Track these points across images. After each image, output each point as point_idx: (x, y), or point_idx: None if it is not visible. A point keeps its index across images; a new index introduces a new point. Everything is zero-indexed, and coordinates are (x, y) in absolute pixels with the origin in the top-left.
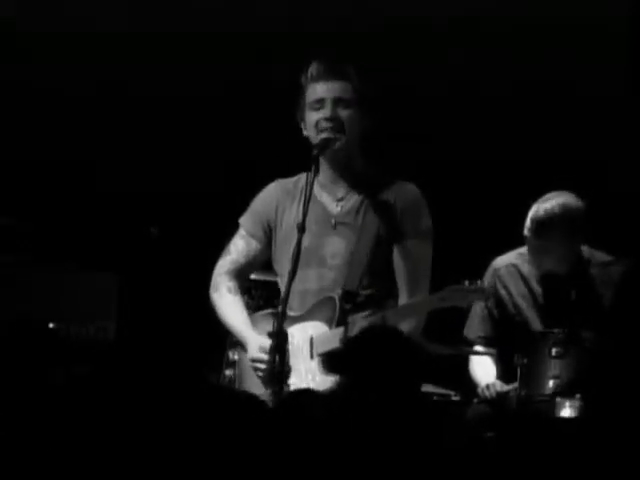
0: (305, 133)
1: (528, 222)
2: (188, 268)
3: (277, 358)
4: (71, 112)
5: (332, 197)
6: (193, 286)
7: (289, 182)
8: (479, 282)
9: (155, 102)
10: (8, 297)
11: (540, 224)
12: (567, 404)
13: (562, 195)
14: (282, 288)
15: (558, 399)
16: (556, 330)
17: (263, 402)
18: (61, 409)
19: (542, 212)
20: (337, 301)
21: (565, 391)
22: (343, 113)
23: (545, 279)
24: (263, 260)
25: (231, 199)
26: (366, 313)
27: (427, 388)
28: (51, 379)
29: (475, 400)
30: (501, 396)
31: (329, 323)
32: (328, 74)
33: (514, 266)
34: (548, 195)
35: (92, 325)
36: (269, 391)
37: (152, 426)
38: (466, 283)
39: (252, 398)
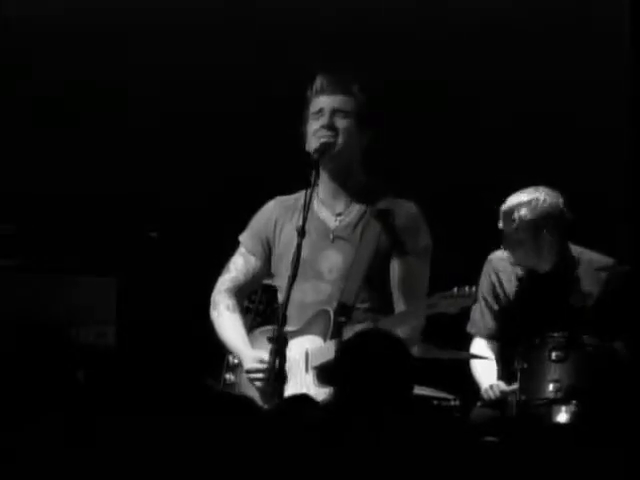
0: (307, 148)
1: (500, 213)
2: (188, 272)
3: (277, 364)
4: (71, 114)
5: (331, 212)
6: (193, 290)
7: (289, 199)
8: (467, 288)
9: (157, 106)
10: (8, 301)
11: (505, 213)
12: (563, 410)
13: (535, 189)
14: (280, 301)
15: (555, 405)
16: (556, 334)
17: (260, 407)
18: (63, 412)
19: (508, 202)
20: (332, 314)
21: (565, 397)
22: (341, 123)
23: (528, 278)
24: (263, 277)
25: (231, 202)
26: (361, 325)
27: (427, 392)
28: (57, 383)
29: (479, 403)
30: (505, 396)
31: (324, 336)
32: (331, 88)
33: (506, 261)
34: (523, 189)
35: (92, 329)
36: (267, 405)
37: (152, 429)
38: (455, 289)
39: (249, 403)
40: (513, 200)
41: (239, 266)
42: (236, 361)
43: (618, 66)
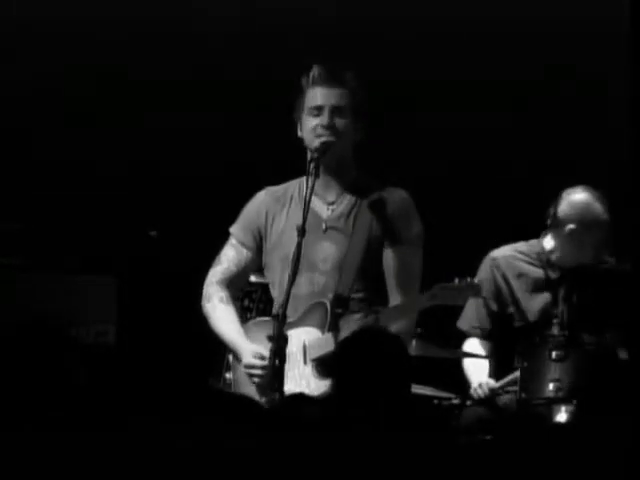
0: (300, 134)
1: (570, 210)
2: (188, 271)
3: (277, 361)
4: (71, 113)
5: (323, 201)
6: (193, 289)
7: (278, 190)
8: (469, 279)
9: (155, 104)
10: (8, 301)
11: (586, 208)
12: (563, 409)
13: (590, 188)
14: (274, 294)
15: (555, 405)
16: (556, 333)
17: (260, 405)
18: (64, 411)
19: (585, 197)
20: (328, 306)
21: (566, 396)
22: (339, 121)
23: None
24: (254, 268)
25: (231, 202)
26: (358, 316)
27: (427, 392)
28: (57, 382)
29: (468, 402)
30: (494, 393)
31: (321, 328)
32: (328, 80)
33: (513, 257)
34: (577, 188)
35: (92, 329)
36: (265, 399)
37: (152, 428)
38: (456, 280)
39: (250, 402)
40: (587, 195)
41: (230, 257)
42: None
43: (618, 66)
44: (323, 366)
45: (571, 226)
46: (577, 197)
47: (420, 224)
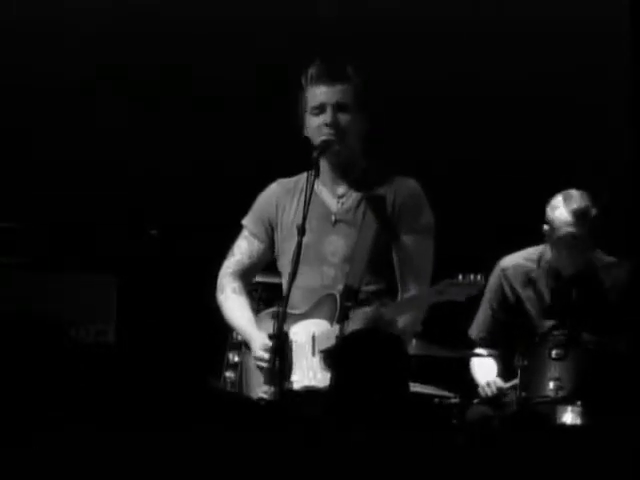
0: (305, 133)
1: (563, 215)
2: (188, 270)
3: (277, 360)
4: (70, 112)
5: (332, 194)
6: (193, 288)
7: (290, 182)
8: (472, 276)
9: (157, 102)
10: (7, 300)
11: (580, 213)
12: (569, 410)
13: (581, 191)
14: (284, 286)
15: (560, 406)
16: (556, 332)
17: (261, 405)
18: (65, 409)
19: (579, 201)
20: (338, 298)
21: (568, 398)
22: (343, 118)
23: (559, 281)
24: (267, 260)
25: (232, 201)
26: (368, 308)
27: (427, 390)
28: (59, 379)
29: (475, 400)
30: (502, 393)
31: (330, 320)
32: (328, 77)
33: (522, 267)
34: (569, 191)
35: (92, 328)
36: (273, 389)
37: (153, 428)
38: (460, 277)
39: (250, 401)
40: (581, 201)
41: (243, 249)
42: (236, 359)
43: (618, 66)
44: (330, 358)
45: (545, 227)
46: (553, 201)
47: (431, 214)
